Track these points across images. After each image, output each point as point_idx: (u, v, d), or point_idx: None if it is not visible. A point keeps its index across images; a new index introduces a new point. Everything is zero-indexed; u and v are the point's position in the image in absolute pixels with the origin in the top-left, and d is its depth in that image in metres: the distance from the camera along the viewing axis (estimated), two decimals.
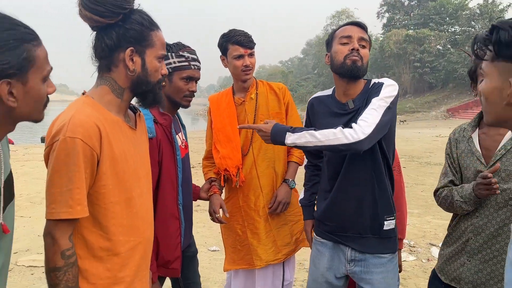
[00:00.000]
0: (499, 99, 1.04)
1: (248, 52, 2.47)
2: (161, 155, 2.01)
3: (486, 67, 1.08)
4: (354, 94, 1.97)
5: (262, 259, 2.52)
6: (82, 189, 1.30)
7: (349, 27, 1.99)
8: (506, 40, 1.00)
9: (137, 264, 1.50)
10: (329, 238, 2.09)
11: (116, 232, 1.41)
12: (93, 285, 1.40)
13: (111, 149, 1.38)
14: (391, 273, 2.02)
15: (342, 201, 2.00)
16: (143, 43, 1.43)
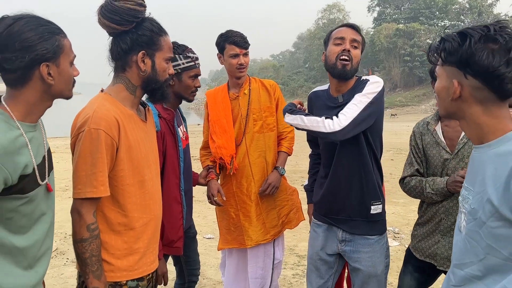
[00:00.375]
0: (447, 96, 1.30)
1: (243, 52, 2.70)
2: (165, 146, 2.24)
3: (438, 70, 1.34)
4: (345, 90, 2.20)
5: (253, 239, 2.78)
6: (105, 172, 1.54)
7: (343, 29, 2.20)
8: (450, 49, 1.25)
9: (149, 237, 1.74)
10: (324, 221, 2.33)
11: (131, 210, 1.65)
12: (112, 255, 1.63)
13: (127, 139, 1.61)
14: (378, 253, 2.24)
15: (334, 187, 2.23)
16: (153, 47, 1.66)
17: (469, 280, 1.31)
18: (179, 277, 2.77)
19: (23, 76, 1.35)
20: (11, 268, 1.35)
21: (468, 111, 1.27)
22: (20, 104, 1.36)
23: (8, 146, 1.27)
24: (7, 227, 1.33)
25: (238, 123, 2.78)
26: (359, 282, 2.25)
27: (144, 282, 1.74)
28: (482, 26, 1.23)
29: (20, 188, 1.32)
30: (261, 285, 2.87)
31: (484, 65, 1.18)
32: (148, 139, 1.78)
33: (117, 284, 1.65)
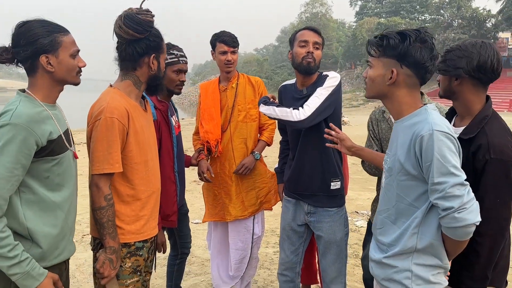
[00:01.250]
0: (382, 81, 1.70)
1: (230, 50, 3.08)
2: (160, 134, 2.59)
3: (373, 61, 1.74)
4: (309, 84, 2.62)
5: (232, 215, 3.19)
6: (118, 152, 1.90)
7: (306, 31, 2.59)
8: (393, 44, 1.64)
9: (151, 206, 2.11)
10: (292, 196, 2.74)
11: (138, 184, 2.02)
12: (123, 221, 2.00)
13: (134, 125, 1.97)
14: (337, 223, 2.65)
15: (300, 167, 2.64)
16: (159, 50, 2.04)
17: (386, 223, 1.78)
18: (173, 249, 3.15)
19: (32, 66, 1.72)
20: (51, 218, 1.72)
21: (396, 93, 1.70)
22: (38, 89, 1.74)
23: (35, 116, 1.65)
24: (45, 186, 1.70)
25: (225, 112, 3.16)
26: (322, 247, 2.67)
27: (148, 244, 2.12)
28: (414, 30, 1.66)
29: (50, 150, 1.69)
30: (241, 256, 3.28)
31: (417, 58, 1.62)
32: (149, 126, 2.14)
33: (126, 244, 2.02)
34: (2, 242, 1.56)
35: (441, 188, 1.52)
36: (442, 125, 1.58)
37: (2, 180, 1.56)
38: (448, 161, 1.52)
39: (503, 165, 1.77)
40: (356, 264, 4.26)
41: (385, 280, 1.75)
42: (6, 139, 1.57)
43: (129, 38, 1.94)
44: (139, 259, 2.06)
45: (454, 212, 1.51)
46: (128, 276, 2.03)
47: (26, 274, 1.61)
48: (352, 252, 4.61)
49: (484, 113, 1.87)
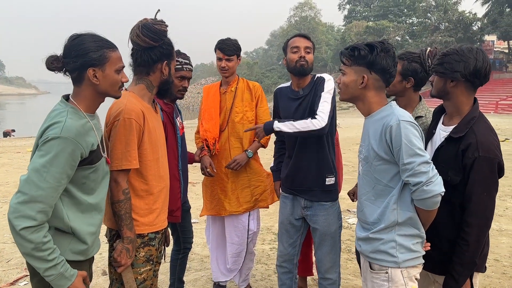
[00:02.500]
0: (355, 85, 2.02)
1: (225, 57, 3.29)
2: (166, 134, 2.76)
3: (346, 69, 2.05)
4: (304, 85, 2.84)
5: (226, 210, 3.39)
6: (135, 150, 2.07)
7: (297, 38, 2.85)
8: (364, 55, 1.95)
9: (162, 200, 2.28)
10: (290, 192, 2.93)
11: (151, 179, 2.19)
12: (137, 214, 2.17)
13: (148, 126, 2.15)
14: (332, 216, 2.85)
15: (297, 165, 2.83)
16: (171, 57, 2.23)
17: (367, 205, 2.07)
18: (176, 244, 3.32)
19: (78, 77, 1.84)
20: (87, 216, 1.88)
21: (367, 94, 2.02)
22: (82, 100, 1.86)
23: (81, 129, 1.77)
24: (82, 190, 1.84)
25: (224, 113, 3.38)
26: (318, 239, 2.86)
27: (159, 235, 2.30)
28: (379, 42, 1.99)
29: (90, 160, 1.83)
30: (238, 250, 3.47)
31: (383, 65, 1.96)
32: (159, 126, 2.33)
33: (141, 235, 2.19)
34: (44, 246, 1.68)
35: (410, 167, 1.84)
36: (406, 116, 1.92)
37: (51, 189, 1.68)
38: (414, 144, 1.84)
39: (490, 162, 1.94)
40: (349, 259, 4.47)
41: (373, 252, 2.02)
42: (57, 152, 1.68)
43: (145, 46, 2.12)
44: (151, 249, 2.24)
45: (423, 186, 1.83)
46: (142, 265, 2.20)
47: (60, 275, 1.75)
48: (345, 247, 4.82)
49: (472, 114, 2.05)
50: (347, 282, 3.93)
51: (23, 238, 1.64)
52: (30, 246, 1.65)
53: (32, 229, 1.64)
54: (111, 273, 2.24)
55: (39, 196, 1.65)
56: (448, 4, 49.87)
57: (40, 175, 1.66)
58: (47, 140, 1.69)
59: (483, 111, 2.41)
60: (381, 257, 1.99)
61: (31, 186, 1.65)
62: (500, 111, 29.59)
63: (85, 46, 1.82)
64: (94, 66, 1.83)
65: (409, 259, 1.96)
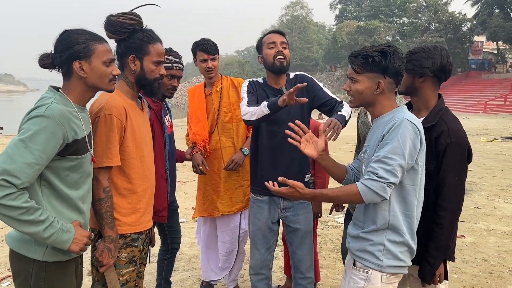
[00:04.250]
0: (370, 92, 1.97)
1: (210, 57, 3.23)
2: (153, 132, 2.68)
3: (358, 77, 1.98)
4: (283, 83, 2.78)
5: (220, 210, 3.34)
6: (116, 147, 2.02)
7: (272, 34, 2.78)
8: (376, 61, 1.91)
9: (147, 200, 2.23)
10: (266, 194, 2.74)
11: (134, 178, 2.14)
12: (120, 213, 2.11)
13: (131, 122, 2.09)
14: (310, 213, 2.83)
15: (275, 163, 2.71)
16: (141, 52, 2.12)
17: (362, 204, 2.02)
18: (163, 244, 3.27)
19: (67, 71, 1.82)
20: (68, 211, 1.81)
21: (380, 98, 1.98)
22: (71, 91, 1.83)
23: (65, 113, 1.72)
24: (65, 183, 1.78)
25: (212, 114, 3.31)
26: (297, 239, 2.78)
27: (143, 236, 2.24)
28: (387, 46, 1.96)
29: (74, 150, 1.78)
30: (229, 249, 3.43)
31: (396, 69, 1.93)
32: (145, 124, 2.27)
33: (123, 236, 2.14)
34: (32, 208, 1.63)
35: (390, 163, 1.82)
36: (414, 118, 1.90)
37: (26, 165, 1.61)
38: (405, 145, 1.83)
39: (461, 148, 2.08)
40: (338, 258, 4.45)
41: (359, 251, 2.02)
42: (37, 129, 1.64)
43: (112, 39, 2.09)
44: (134, 250, 2.18)
45: (386, 184, 1.82)
46: (124, 266, 2.15)
47: (60, 230, 1.71)
48: (334, 247, 4.80)
49: (440, 106, 2.19)
50: (335, 282, 3.91)
51: (7, 206, 1.58)
52: (18, 212, 1.60)
53: (13, 196, 1.58)
54: (93, 274, 2.19)
55: (12, 169, 1.59)
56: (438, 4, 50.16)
57: (17, 149, 1.62)
58: (29, 118, 1.67)
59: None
60: (366, 257, 1.98)
61: (5, 159, 1.60)
62: (488, 111, 29.81)
63: (70, 40, 1.81)
64: (80, 59, 1.81)
65: (392, 266, 1.95)
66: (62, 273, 1.82)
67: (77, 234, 1.80)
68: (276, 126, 2.70)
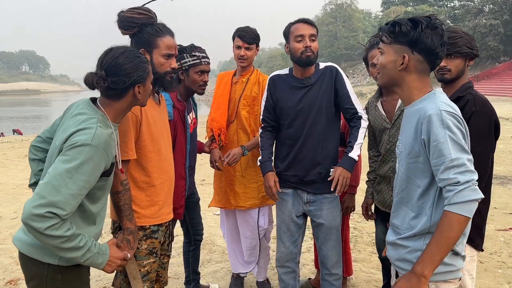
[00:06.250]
0: (394, 67, 1.73)
1: (245, 46, 3.15)
2: (175, 132, 2.68)
3: (385, 48, 1.75)
4: (309, 74, 2.68)
5: (232, 204, 3.31)
6: (132, 141, 2.05)
7: (300, 25, 2.64)
8: (404, 31, 1.68)
9: (165, 193, 2.26)
10: (290, 186, 2.73)
11: (152, 171, 2.17)
12: (138, 205, 2.16)
13: (147, 117, 2.12)
14: (336, 208, 2.74)
15: (301, 156, 2.66)
16: (151, 45, 2.14)
17: (398, 206, 1.83)
18: (186, 236, 3.30)
19: (121, 93, 1.82)
20: (85, 226, 1.81)
21: (407, 78, 1.73)
22: (113, 110, 1.84)
23: (108, 140, 1.73)
24: (90, 199, 1.79)
25: (233, 104, 3.27)
26: (322, 235, 2.72)
27: (163, 228, 2.28)
28: (425, 17, 1.70)
29: (109, 172, 1.80)
30: (252, 244, 3.40)
31: (428, 45, 1.66)
32: (162, 118, 2.29)
33: (142, 228, 2.18)
34: (73, 236, 1.62)
35: (460, 163, 1.53)
36: (451, 106, 1.63)
37: (71, 196, 1.59)
38: (459, 138, 1.57)
39: (486, 118, 2.06)
40: (374, 252, 4.32)
41: (398, 260, 1.78)
42: (84, 159, 1.62)
43: (122, 35, 2.11)
44: (154, 241, 2.22)
45: (473, 185, 1.52)
46: (145, 257, 2.19)
47: (96, 254, 1.74)
48: (370, 240, 4.68)
49: (469, 84, 2.23)
50: (369, 276, 3.81)
51: (49, 236, 1.56)
52: (60, 241, 1.59)
53: (56, 226, 1.56)
54: None
55: (57, 201, 1.56)
56: None
57: (62, 180, 1.58)
58: (75, 146, 1.63)
59: None
60: (406, 267, 1.71)
61: (51, 190, 1.56)
62: None
63: (132, 65, 1.80)
64: (140, 83, 1.84)
65: (438, 273, 1.64)
66: (77, 273, 1.83)
67: (111, 256, 1.82)
68: (298, 119, 2.66)
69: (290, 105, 2.68)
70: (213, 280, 3.80)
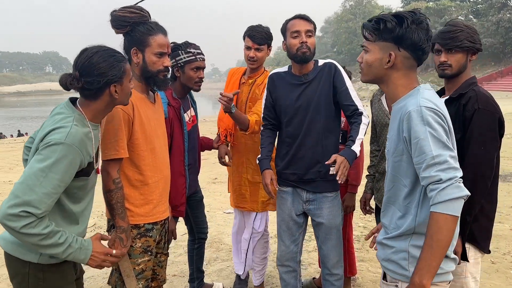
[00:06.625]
0: (380, 65, 1.67)
1: (255, 46, 3.02)
2: (172, 130, 2.68)
3: (370, 45, 1.70)
4: (307, 71, 2.64)
5: (233, 203, 3.32)
6: (124, 140, 2.06)
7: (297, 21, 2.61)
8: (388, 27, 1.63)
9: (160, 192, 2.26)
10: (289, 185, 2.71)
11: (145, 170, 2.18)
12: (132, 204, 2.17)
13: (140, 115, 2.13)
14: (336, 207, 2.69)
15: (300, 154, 2.63)
16: (143, 44, 2.14)
17: (386, 205, 1.79)
18: (190, 234, 3.31)
19: (97, 93, 1.80)
20: (67, 225, 1.82)
21: (393, 75, 1.68)
22: (91, 110, 1.83)
23: (84, 138, 1.72)
24: (70, 199, 1.81)
25: (240, 105, 3.16)
26: (322, 234, 2.68)
27: (158, 226, 2.28)
28: (409, 12, 1.64)
29: (86, 171, 1.79)
30: (244, 247, 3.37)
31: (415, 40, 1.62)
32: (156, 116, 2.29)
33: (136, 226, 2.19)
34: (51, 233, 1.64)
35: (442, 160, 1.48)
36: (430, 102, 1.57)
37: (45, 195, 1.60)
38: (441, 135, 1.52)
39: (489, 116, 1.98)
40: None
41: (384, 260, 1.75)
42: (58, 158, 1.63)
43: (117, 33, 2.11)
44: (149, 239, 2.23)
45: (457, 182, 1.47)
46: (139, 256, 2.20)
47: (78, 250, 1.76)
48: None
49: (473, 79, 2.14)
50: (376, 276, 3.74)
51: (26, 235, 1.59)
52: (37, 238, 1.61)
53: (32, 224, 1.59)
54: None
55: (32, 200, 1.58)
56: None
57: (36, 179, 1.60)
58: (49, 145, 1.64)
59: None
60: (392, 268, 1.70)
61: (25, 190, 1.58)
62: None
63: (105, 64, 1.79)
64: (115, 82, 1.82)
65: None
66: (59, 271, 1.83)
67: (94, 251, 1.82)
68: (296, 117, 2.63)
69: (288, 102, 2.65)
70: (218, 279, 3.81)
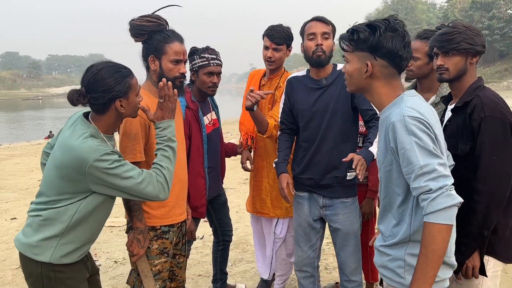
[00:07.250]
0: (359, 75, 1.68)
1: (273, 46, 2.94)
2: (190, 132, 2.75)
3: (348, 56, 1.71)
4: (325, 74, 2.61)
5: (253, 209, 3.26)
6: (141, 144, 2.14)
7: (313, 23, 2.59)
8: (363, 38, 1.64)
9: (176, 194, 2.32)
10: (306, 190, 2.68)
11: None
12: (149, 206, 2.24)
13: None
14: (354, 213, 2.64)
15: (316, 159, 2.60)
16: (159, 51, 2.21)
17: (382, 213, 1.80)
18: (215, 236, 3.35)
19: (104, 108, 1.90)
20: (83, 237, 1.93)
21: (374, 85, 1.69)
22: (102, 124, 1.93)
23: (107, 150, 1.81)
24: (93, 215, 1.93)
25: (260, 108, 2.98)
26: (340, 240, 2.64)
27: (174, 229, 2.35)
28: (383, 20, 1.65)
29: None
30: (270, 252, 3.32)
31: (389, 48, 1.61)
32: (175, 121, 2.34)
33: (153, 228, 2.26)
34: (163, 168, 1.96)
35: (430, 169, 1.48)
36: (416, 110, 1.56)
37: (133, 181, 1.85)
38: (426, 143, 1.51)
39: (498, 123, 1.88)
40: None
41: (381, 267, 1.76)
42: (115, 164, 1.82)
43: (135, 41, 2.19)
44: (165, 241, 2.30)
45: (448, 190, 1.47)
46: (156, 257, 2.27)
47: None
48: None
49: (478, 83, 2.03)
50: None
51: None
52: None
53: None
54: (131, 263, 2.34)
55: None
56: None
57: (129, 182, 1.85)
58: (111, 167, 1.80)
59: None
60: (388, 275, 1.71)
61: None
62: None
63: (110, 80, 1.86)
64: (120, 97, 1.90)
65: None
66: (71, 270, 1.91)
67: None
68: (313, 121, 2.61)
69: (305, 106, 2.63)
70: (242, 280, 3.85)
